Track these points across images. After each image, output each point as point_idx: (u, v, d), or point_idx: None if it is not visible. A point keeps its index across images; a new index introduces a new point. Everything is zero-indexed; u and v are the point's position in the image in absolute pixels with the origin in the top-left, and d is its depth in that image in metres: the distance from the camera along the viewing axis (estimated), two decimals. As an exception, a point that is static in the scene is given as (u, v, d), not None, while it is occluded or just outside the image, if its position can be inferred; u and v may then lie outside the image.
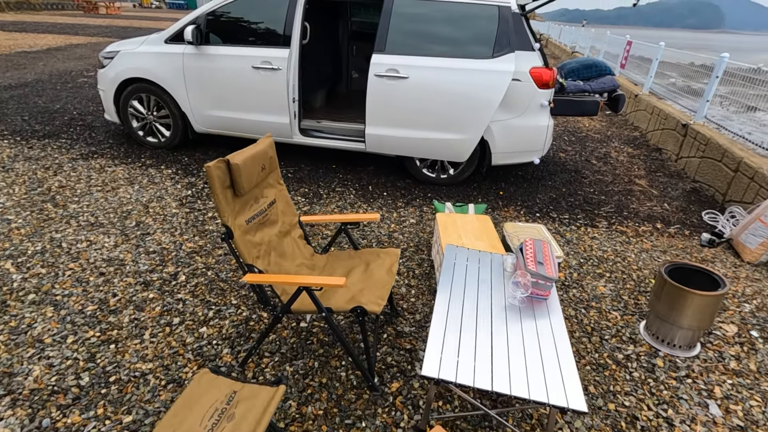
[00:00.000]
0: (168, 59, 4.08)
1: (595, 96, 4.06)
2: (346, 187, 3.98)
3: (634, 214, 3.71)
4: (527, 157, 3.95)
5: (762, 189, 3.38)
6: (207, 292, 2.48)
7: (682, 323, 2.11)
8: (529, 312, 1.78)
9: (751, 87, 4.51)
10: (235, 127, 4.24)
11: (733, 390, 1.98)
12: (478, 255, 2.18)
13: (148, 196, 3.57)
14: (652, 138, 5.72)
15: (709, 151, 4.20)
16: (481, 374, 1.43)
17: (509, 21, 3.48)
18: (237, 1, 3.89)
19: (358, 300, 1.82)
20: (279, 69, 3.82)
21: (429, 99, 3.62)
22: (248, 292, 2.49)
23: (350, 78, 5.73)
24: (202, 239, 3.01)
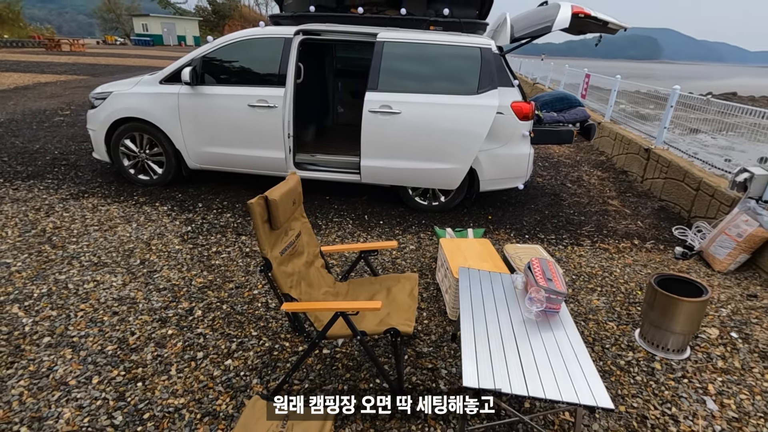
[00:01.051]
0: (163, 99, 4.18)
1: (569, 126, 4.44)
2: (343, 218, 4.12)
3: (613, 232, 4.03)
4: (512, 183, 4.23)
5: (722, 205, 3.77)
6: (225, 325, 2.52)
7: (674, 329, 2.33)
8: (545, 324, 1.95)
9: (692, 112, 5.06)
10: (231, 163, 4.34)
11: (724, 386, 2.20)
12: (489, 276, 2.35)
13: (148, 233, 3.58)
14: (617, 161, 6.21)
15: (672, 172, 4.64)
16: (516, 381, 1.57)
17: (491, 60, 3.81)
18: (231, 45, 4.08)
19: (387, 323, 1.94)
20: (275, 107, 3.99)
21: (421, 132, 3.86)
22: (267, 323, 2.55)
23: (336, 113, 5.96)
24: (210, 274, 3.05)
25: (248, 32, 4.12)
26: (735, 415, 2.02)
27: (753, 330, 2.65)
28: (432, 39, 3.87)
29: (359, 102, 5.98)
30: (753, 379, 2.26)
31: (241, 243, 3.52)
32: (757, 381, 2.24)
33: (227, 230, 3.73)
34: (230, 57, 4.11)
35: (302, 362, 1.93)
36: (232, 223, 3.86)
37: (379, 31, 3.90)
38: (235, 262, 3.23)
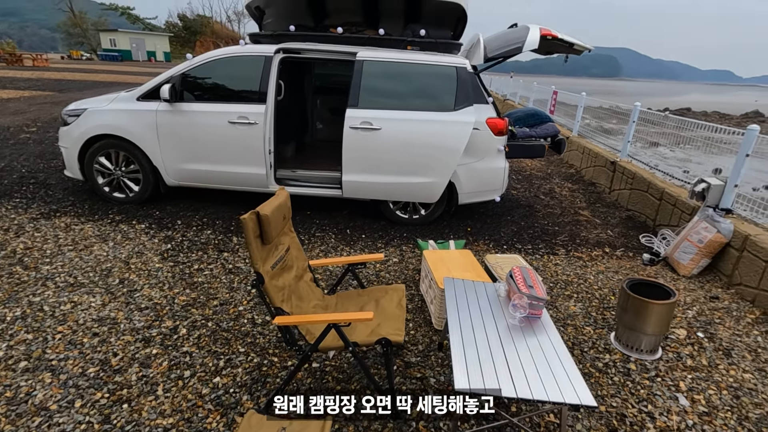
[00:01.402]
0: (141, 116, 4.14)
1: (541, 140, 4.65)
2: (326, 232, 4.15)
3: (585, 241, 4.21)
4: (489, 195, 4.38)
5: (684, 213, 4.02)
6: (212, 342, 2.50)
7: (646, 330, 2.47)
8: (529, 330, 2.04)
9: (652, 127, 5.41)
10: (211, 179, 4.32)
11: (694, 383, 2.34)
12: (473, 285, 2.43)
13: (126, 252, 3.50)
14: (586, 174, 6.51)
15: (636, 183, 4.91)
16: (505, 384, 1.64)
17: (466, 78, 3.98)
18: (212, 62, 4.10)
19: (378, 333, 1.98)
20: (256, 123, 4.02)
21: (401, 147, 3.97)
22: (254, 339, 2.54)
23: (315, 129, 6.03)
24: (193, 291, 3.01)
25: (229, 50, 4.16)
26: (705, 410, 2.15)
27: (717, 329, 2.83)
28: (410, 58, 4.01)
29: (338, 118, 6.07)
30: (719, 375, 2.41)
31: (224, 260, 3.50)
32: (722, 377, 2.40)
33: (208, 247, 3.70)
34: (210, 74, 4.13)
35: (294, 375, 1.94)
36: (213, 240, 3.83)
37: (359, 50, 4.01)
38: (219, 279, 3.20)
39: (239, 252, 3.65)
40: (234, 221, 4.22)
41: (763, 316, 2.99)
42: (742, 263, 3.24)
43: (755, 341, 2.72)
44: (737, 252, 3.29)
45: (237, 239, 3.87)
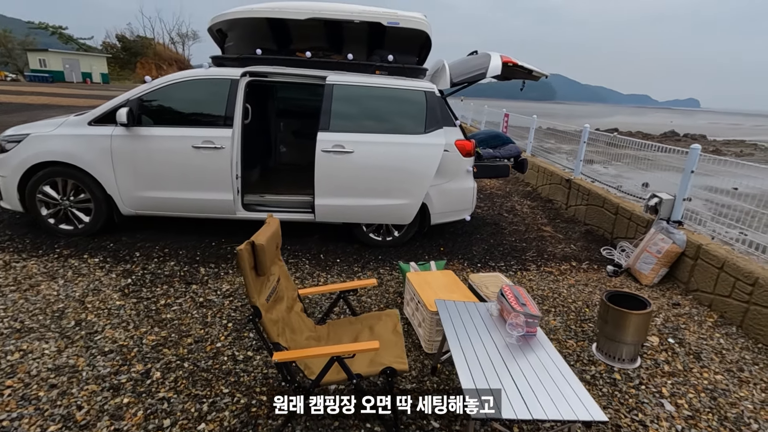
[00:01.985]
0: (93, 141, 3.86)
1: (505, 161, 4.84)
2: (299, 258, 4.02)
3: (553, 256, 4.39)
4: (460, 215, 4.47)
5: (639, 226, 4.32)
6: (191, 385, 2.30)
7: (626, 339, 2.58)
8: (527, 347, 2.06)
9: (590, 146, 5.86)
10: (173, 207, 4.07)
11: (674, 388, 2.46)
12: (465, 306, 2.43)
13: (80, 290, 3.18)
14: (542, 191, 6.85)
15: (592, 199, 5.23)
16: (518, 406, 1.63)
17: (435, 102, 4.08)
18: (174, 85, 3.93)
19: (380, 362, 1.91)
20: (222, 148, 3.87)
21: (374, 170, 3.97)
22: (238, 378, 2.37)
23: (279, 153, 5.90)
24: (163, 329, 2.78)
25: (192, 73, 4.01)
26: (689, 413, 2.26)
27: (684, 334, 3.01)
28: (379, 82, 4.06)
29: (301, 142, 6.03)
30: (694, 378, 2.56)
31: (193, 293, 3.27)
32: (698, 380, 2.54)
33: (174, 280, 3.45)
34: (172, 97, 3.95)
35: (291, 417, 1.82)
36: (178, 272, 3.58)
37: (328, 74, 4.01)
38: (190, 314, 2.98)
39: (209, 284, 3.43)
40: (199, 251, 3.98)
41: (720, 319, 3.23)
42: (697, 271, 3.51)
43: (719, 343, 2.92)
44: (692, 260, 3.57)
45: (204, 270, 3.65)
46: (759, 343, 2.91)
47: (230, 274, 3.60)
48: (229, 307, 3.11)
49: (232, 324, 2.89)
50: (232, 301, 3.19)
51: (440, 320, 2.57)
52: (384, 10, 4.10)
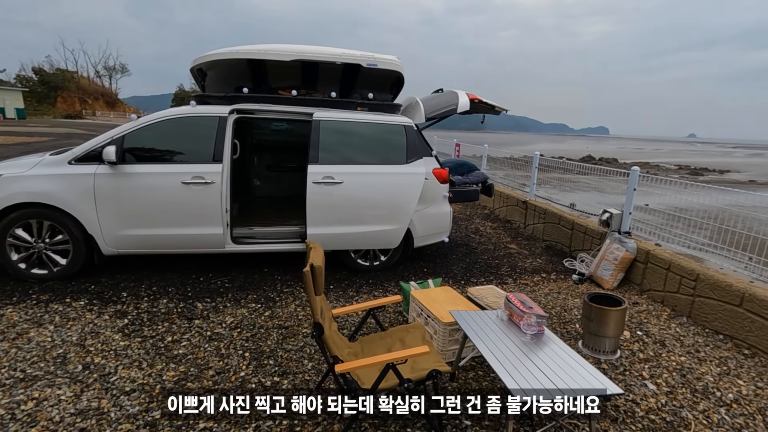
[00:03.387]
0: (75, 180, 3.76)
1: (473, 186, 5.32)
2: (293, 287, 4.11)
3: (524, 269, 4.85)
4: (439, 237, 4.82)
5: (594, 239, 4.93)
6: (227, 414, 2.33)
7: (608, 333, 3.00)
8: (541, 343, 2.38)
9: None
10: (160, 244, 4.02)
11: (652, 371, 2.90)
12: (477, 314, 2.72)
13: (75, 334, 3.05)
14: (500, 213, 7.46)
15: (549, 218, 5.85)
16: (550, 386, 1.93)
17: (414, 135, 4.47)
18: (161, 122, 3.97)
19: (421, 367, 2.13)
20: (212, 183, 3.94)
21: (363, 199, 4.23)
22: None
23: (254, 186, 5.97)
24: (179, 365, 2.76)
25: (179, 110, 4.07)
26: (668, 390, 2.69)
27: (648, 327, 3.52)
28: (362, 118, 4.38)
29: (276, 175, 6.16)
30: (665, 361, 3.02)
31: (198, 327, 3.26)
32: (668, 362, 3.01)
33: (173, 317, 3.40)
34: (160, 134, 3.97)
35: (352, 425, 1.95)
36: (174, 309, 3.53)
37: (314, 111, 4.27)
38: (202, 348, 2.98)
39: (211, 318, 3.43)
40: (189, 287, 3.94)
41: (672, 312, 3.80)
42: (648, 273, 4.11)
43: (676, 332, 3.46)
44: (643, 264, 4.17)
45: (202, 305, 3.62)
46: (706, 329, 3.48)
47: (229, 308, 3.61)
48: (239, 338, 3.14)
49: (249, 354, 2.94)
50: (240, 332, 3.22)
51: (453, 330, 2.85)
52: (361, 53, 4.47)
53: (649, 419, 2.43)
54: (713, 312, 3.44)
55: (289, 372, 2.74)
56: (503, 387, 2.62)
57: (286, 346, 3.06)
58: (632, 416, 2.45)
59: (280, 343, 3.10)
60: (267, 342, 3.10)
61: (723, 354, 3.15)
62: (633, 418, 2.43)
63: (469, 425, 2.33)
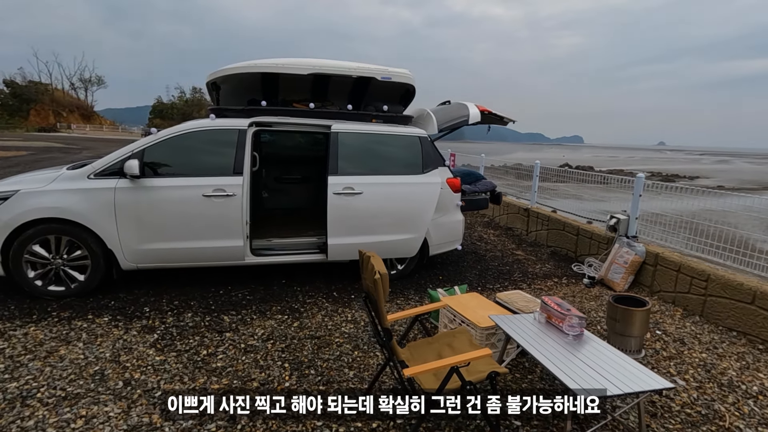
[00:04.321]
0: (95, 195, 3.72)
1: (482, 195, 5.46)
2: (315, 298, 4.12)
3: (535, 275, 4.99)
4: (453, 245, 4.93)
5: (600, 244, 5.12)
6: (282, 423, 2.34)
7: (633, 333, 3.14)
8: (584, 344, 2.48)
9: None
10: (180, 258, 4.00)
11: (678, 368, 3.04)
12: (514, 318, 2.82)
13: (108, 350, 3.00)
14: (500, 221, 7.64)
15: (552, 224, 6.03)
16: (605, 384, 2.02)
17: (428, 146, 4.59)
18: (181, 136, 3.97)
19: (478, 370, 2.20)
20: (233, 195, 3.95)
21: (382, 208, 4.30)
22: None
23: (263, 198, 5.97)
24: (223, 377, 2.76)
25: (199, 123, 4.08)
26: (697, 385, 2.83)
27: (665, 326, 3.68)
28: (378, 129, 4.48)
29: (284, 187, 6.19)
30: (688, 358, 3.17)
31: (230, 340, 3.25)
32: (691, 359, 3.16)
33: (202, 330, 3.38)
34: (181, 148, 3.97)
35: (420, 426, 2.00)
36: (201, 323, 3.51)
37: (332, 123, 4.34)
38: (240, 360, 2.97)
39: (240, 330, 3.42)
40: (211, 300, 3.92)
41: (685, 311, 3.98)
42: (657, 275, 4.30)
43: (692, 330, 3.63)
44: (652, 267, 4.36)
45: (228, 318, 3.61)
46: (720, 326, 3.67)
47: (256, 320, 3.61)
48: (274, 349, 3.14)
49: (288, 364, 2.95)
50: (274, 343, 3.22)
51: (489, 335, 2.93)
52: (376, 67, 4.58)
53: (686, 413, 2.55)
54: (726, 310, 3.63)
55: (333, 381, 2.77)
56: (542, 388, 2.73)
57: (323, 355, 3.08)
58: (669, 411, 2.57)
59: (316, 352, 3.12)
60: (303, 352, 3.11)
61: (740, 350, 3.32)
62: (671, 413, 2.55)
63: (519, 425, 2.40)
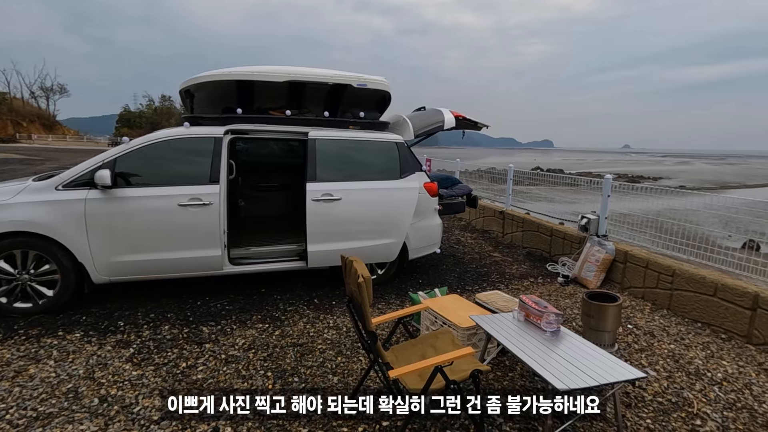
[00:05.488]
0: (64, 207, 3.60)
1: (459, 198, 5.56)
2: (295, 306, 4.10)
3: (512, 276, 5.11)
4: (431, 249, 4.99)
5: (573, 243, 5.29)
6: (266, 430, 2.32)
7: (607, 328, 3.26)
8: (561, 339, 2.56)
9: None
10: (157, 269, 3.90)
11: (649, 359, 3.17)
12: (494, 317, 2.89)
13: (81, 367, 2.90)
14: (476, 224, 7.78)
15: (527, 226, 6.20)
16: (584, 379, 2.10)
17: (405, 151, 4.66)
18: (154, 145, 3.89)
19: (461, 369, 2.25)
20: (210, 204, 3.90)
21: (362, 214, 4.33)
22: (309, 419, 2.45)
23: (239, 206, 5.89)
24: (205, 389, 2.70)
25: (173, 132, 4.01)
26: (667, 374, 2.96)
27: (635, 321, 3.84)
28: (355, 136, 4.51)
29: (261, 195, 6.13)
30: (658, 350, 3.32)
31: (210, 351, 3.19)
32: (661, 351, 3.31)
33: (180, 342, 3.31)
34: (154, 157, 3.89)
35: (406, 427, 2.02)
36: (179, 335, 3.43)
37: (309, 130, 4.35)
38: (221, 371, 2.93)
39: (220, 340, 3.36)
40: (188, 312, 3.84)
41: (653, 305, 4.17)
42: (627, 271, 4.48)
43: (660, 323, 3.80)
44: (622, 264, 4.55)
45: (207, 329, 3.54)
46: (686, 318, 3.85)
47: (236, 329, 3.56)
48: (256, 358, 3.10)
49: (271, 373, 2.92)
50: (256, 353, 3.18)
51: (471, 335, 2.99)
52: (351, 74, 4.63)
53: (658, 402, 2.67)
54: (690, 303, 3.82)
55: (317, 387, 2.76)
56: (523, 384, 2.80)
57: (306, 362, 3.07)
58: (642, 401, 2.68)
59: (300, 360, 3.10)
60: (286, 360, 3.09)
61: (705, 339, 3.50)
62: (644, 402, 2.66)
63: (502, 422, 2.46)
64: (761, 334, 3.34)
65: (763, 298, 3.32)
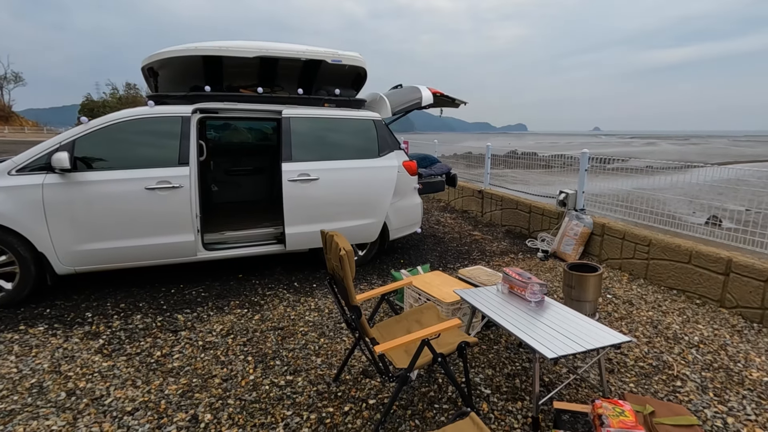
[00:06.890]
0: (19, 193, 3.35)
1: (438, 177, 5.51)
2: (275, 290, 3.98)
3: (493, 253, 5.12)
4: (412, 228, 4.94)
5: (552, 219, 5.34)
6: (250, 417, 2.23)
7: (588, 298, 3.28)
8: (545, 308, 2.56)
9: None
10: (125, 257, 3.69)
11: (629, 326, 3.23)
12: (478, 290, 2.85)
13: (46, 361, 2.72)
14: (455, 204, 7.77)
15: (506, 204, 6.21)
16: (571, 345, 2.09)
17: (383, 129, 4.55)
18: (116, 125, 3.66)
19: (448, 342, 2.20)
20: (180, 187, 3.71)
21: (340, 194, 4.21)
22: (293, 400, 2.37)
23: (212, 192, 5.67)
24: (181, 377, 2.58)
25: (136, 111, 3.77)
26: (647, 340, 3.02)
27: (615, 291, 3.90)
28: (331, 114, 4.36)
29: (234, 179, 5.93)
30: (637, 317, 3.38)
31: (187, 339, 3.05)
32: (639, 318, 3.37)
33: (154, 331, 3.15)
34: (116, 138, 3.65)
35: (393, 404, 1.97)
36: (152, 324, 3.27)
37: (283, 108, 4.18)
38: (198, 358, 2.80)
39: (196, 327, 3.22)
40: (162, 300, 3.67)
41: (631, 275, 4.25)
42: (605, 244, 4.55)
43: (638, 292, 3.87)
44: (600, 237, 4.61)
45: (183, 317, 3.39)
46: (662, 286, 3.94)
47: (213, 316, 3.42)
48: (235, 344, 2.99)
49: (252, 357, 2.81)
50: (235, 338, 3.07)
51: (455, 310, 2.96)
52: (325, 50, 4.46)
53: (639, 366, 2.71)
54: (666, 271, 3.90)
55: (301, 369, 2.68)
56: (508, 356, 2.79)
57: (288, 345, 2.98)
58: (625, 366, 2.72)
59: (281, 343, 3.00)
60: (266, 344, 2.99)
61: (680, 306, 3.59)
62: (626, 368, 2.70)
63: (489, 393, 2.44)
64: (734, 298, 3.44)
65: (736, 263, 3.41)
